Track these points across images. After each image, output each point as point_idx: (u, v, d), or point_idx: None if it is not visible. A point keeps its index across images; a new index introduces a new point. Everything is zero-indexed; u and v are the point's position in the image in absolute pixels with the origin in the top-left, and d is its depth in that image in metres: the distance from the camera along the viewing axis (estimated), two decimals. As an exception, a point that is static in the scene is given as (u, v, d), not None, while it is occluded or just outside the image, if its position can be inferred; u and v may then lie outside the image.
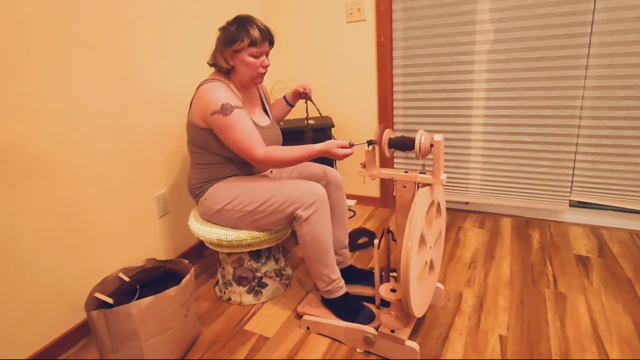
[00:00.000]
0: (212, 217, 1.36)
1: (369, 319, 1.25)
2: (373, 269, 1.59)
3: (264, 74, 1.32)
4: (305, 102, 1.57)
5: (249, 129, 1.22)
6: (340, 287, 1.30)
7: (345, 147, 1.19)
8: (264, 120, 1.41)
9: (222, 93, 1.22)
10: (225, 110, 1.20)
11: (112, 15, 1.38)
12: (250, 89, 1.41)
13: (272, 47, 1.32)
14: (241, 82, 1.32)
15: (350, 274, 1.47)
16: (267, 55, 1.30)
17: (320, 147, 1.21)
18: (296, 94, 1.53)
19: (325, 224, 1.25)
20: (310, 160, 1.32)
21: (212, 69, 1.34)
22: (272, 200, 1.25)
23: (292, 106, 1.58)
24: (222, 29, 1.27)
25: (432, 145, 1.04)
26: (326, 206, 1.25)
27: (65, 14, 1.23)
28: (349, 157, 2.32)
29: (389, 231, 1.28)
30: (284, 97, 1.56)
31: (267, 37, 1.26)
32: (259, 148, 1.22)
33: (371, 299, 1.35)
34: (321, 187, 1.25)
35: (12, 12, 1.09)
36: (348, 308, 1.28)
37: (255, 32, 1.22)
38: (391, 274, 1.46)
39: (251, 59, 1.25)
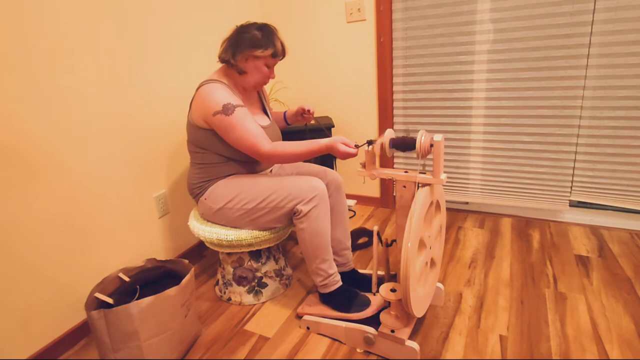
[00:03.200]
0: (213, 217, 1.36)
1: (364, 305, 1.27)
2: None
3: (267, 83, 1.36)
4: (305, 125, 1.58)
5: (252, 125, 1.23)
6: (336, 281, 1.30)
7: (349, 146, 1.17)
8: (264, 121, 1.41)
9: (222, 94, 1.22)
10: (227, 109, 1.21)
11: (113, 15, 1.38)
12: (250, 92, 1.42)
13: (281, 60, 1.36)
14: (245, 86, 1.33)
15: (353, 279, 1.46)
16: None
17: (326, 141, 1.20)
18: (299, 112, 1.55)
19: (325, 220, 1.25)
20: (314, 158, 1.32)
21: (214, 68, 1.35)
22: (273, 196, 1.25)
23: (288, 125, 1.62)
24: (243, 30, 1.27)
25: (432, 145, 1.04)
26: (326, 201, 1.25)
27: (66, 16, 1.23)
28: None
29: (381, 240, 1.27)
30: (284, 114, 1.58)
31: (284, 53, 1.32)
32: (264, 143, 1.22)
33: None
34: (321, 181, 1.26)
35: (14, 12, 1.09)
36: (343, 298, 1.29)
37: (279, 45, 1.28)
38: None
39: (265, 69, 1.30)
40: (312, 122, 2.01)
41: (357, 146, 1.18)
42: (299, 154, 1.22)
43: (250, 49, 1.25)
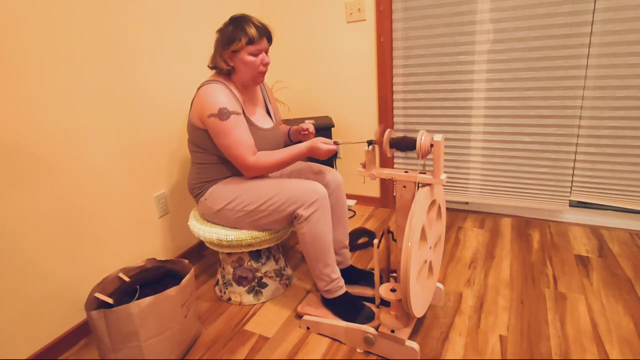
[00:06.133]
0: (212, 217, 1.36)
1: (369, 318, 1.25)
2: (373, 269, 1.59)
3: (265, 72, 1.31)
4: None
5: (243, 135, 1.23)
6: (340, 287, 1.30)
7: (328, 144, 1.24)
8: (266, 122, 1.40)
9: (221, 96, 1.22)
10: (222, 114, 1.20)
11: (113, 16, 1.38)
12: (252, 88, 1.40)
13: (271, 44, 1.31)
14: (242, 83, 1.31)
15: (351, 275, 1.47)
16: (266, 53, 1.29)
17: (306, 144, 1.26)
18: (299, 131, 1.49)
19: (326, 224, 1.25)
20: (309, 161, 1.33)
21: (213, 71, 1.34)
22: (273, 199, 1.25)
23: (292, 141, 1.56)
24: (220, 31, 1.27)
25: (432, 145, 1.04)
26: (327, 205, 1.25)
27: (67, 16, 1.23)
28: (349, 158, 2.32)
29: (389, 231, 1.28)
30: (289, 131, 1.54)
31: (265, 34, 1.26)
32: (249, 155, 1.24)
33: (371, 300, 1.35)
34: (322, 186, 1.26)
35: (13, 13, 1.09)
36: (348, 307, 1.28)
37: (252, 30, 1.22)
38: (391, 274, 1.46)
39: (251, 58, 1.25)
40: (312, 121, 2.02)
41: (336, 143, 1.26)
42: (282, 162, 1.26)
43: (226, 46, 1.24)
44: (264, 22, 1.30)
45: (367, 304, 1.31)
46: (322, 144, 1.24)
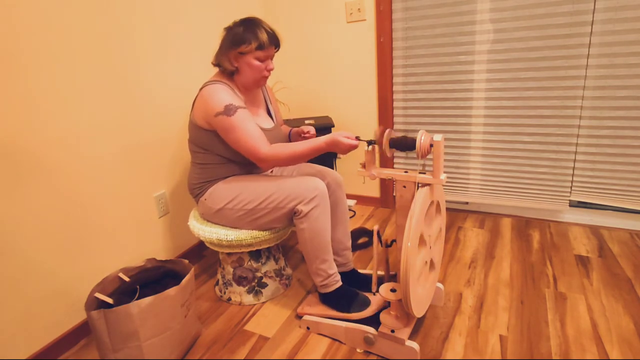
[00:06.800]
0: (213, 217, 1.36)
1: (364, 305, 1.27)
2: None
3: (268, 77, 1.32)
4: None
5: (252, 128, 1.22)
6: (336, 281, 1.30)
7: (350, 138, 1.16)
8: (267, 123, 1.41)
9: (224, 95, 1.22)
10: (229, 110, 1.20)
11: (114, 16, 1.38)
12: (253, 91, 1.41)
13: (278, 50, 1.32)
14: (244, 85, 1.32)
15: (353, 279, 1.46)
16: (271, 59, 1.30)
17: (325, 138, 1.19)
18: (299, 133, 1.49)
19: (325, 220, 1.25)
20: (314, 158, 1.30)
21: (216, 69, 1.34)
22: (273, 197, 1.25)
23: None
24: (229, 30, 1.26)
25: (432, 145, 1.04)
26: (326, 201, 1.25)
27: (68, 16, 1.23)
28: (348, 157, 2.32)
29: (387, 245, 1.27)
30: (290, 132, 1.54)
31: (274, 42, 1.26)
32: (263, 146, 1.21)
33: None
34: (322, 182, 1.26)
35: (14, 13, 1.09)
36: (343, 298, 1.29)
37: (263, 36, 1.22)
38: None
39: (257, 62, 1.25)
40: (312, 122, 2.02)
41: (358, 138, 1.17)
42: (299, 155, 1.21)
43: (234, 47, 1.23)
44: (274, 27, 1.29)
45: (362, 292, 1.31)
46: (344, 138, 1.15)
